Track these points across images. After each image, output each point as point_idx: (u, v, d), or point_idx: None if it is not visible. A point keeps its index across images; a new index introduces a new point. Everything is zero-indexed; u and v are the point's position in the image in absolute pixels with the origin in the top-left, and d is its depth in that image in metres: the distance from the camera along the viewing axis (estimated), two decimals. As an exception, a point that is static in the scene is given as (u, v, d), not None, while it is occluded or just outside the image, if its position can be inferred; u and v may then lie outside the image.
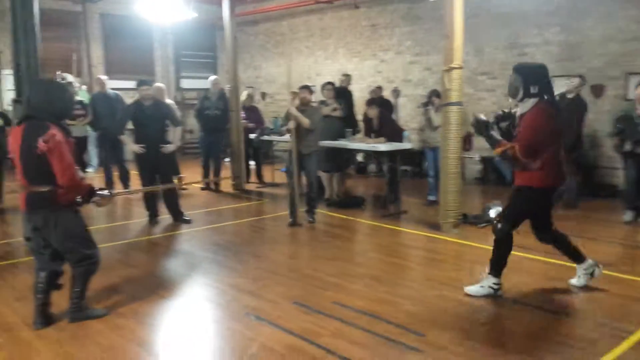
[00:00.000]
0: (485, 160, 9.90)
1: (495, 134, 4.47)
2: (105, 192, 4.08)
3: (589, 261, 4.61)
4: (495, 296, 4.39)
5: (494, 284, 4.42)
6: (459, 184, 6.62)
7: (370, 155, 10.06)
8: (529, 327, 3.86)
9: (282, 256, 5.77)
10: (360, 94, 12.29)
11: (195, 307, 4.37)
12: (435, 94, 8.19)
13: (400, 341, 3.63)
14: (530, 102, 4.18)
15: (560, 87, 9.12)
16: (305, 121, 6.74)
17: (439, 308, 4.21)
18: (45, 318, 3.93)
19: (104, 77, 9.71)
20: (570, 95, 7.78)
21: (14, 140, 3.77)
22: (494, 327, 3.87)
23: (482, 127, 4.49)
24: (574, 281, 4.65)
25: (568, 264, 5.07)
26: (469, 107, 9.58)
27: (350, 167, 10.15)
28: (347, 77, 10.69)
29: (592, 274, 4.60)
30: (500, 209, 6.75)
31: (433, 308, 4.21)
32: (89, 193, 3.91)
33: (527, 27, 9.68)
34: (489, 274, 4.46)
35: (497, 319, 4.01)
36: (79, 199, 3.84)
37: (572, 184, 7.82)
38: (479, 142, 10.13)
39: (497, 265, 4.45)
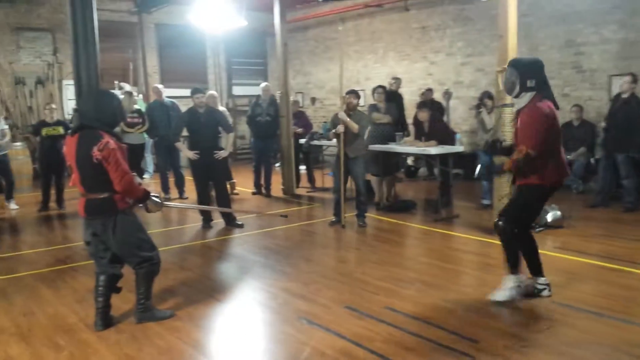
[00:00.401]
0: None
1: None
2: (157, 199, 4.13)
3: (544, 279, 4.45)
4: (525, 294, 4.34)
5: (515, 281, 4.35)
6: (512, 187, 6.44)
7: (421, 158, 9.96)
8: (590, 335, 3.72)
9: (333, 260, 5.77)
10: (410, 97, 12.19)
11: (248, 310, 4.42)
12: (487, 95, 8.03)
13: (454, 347, 3.57)
14: (527, 97, 4.16)
15: (618, 86, 8.83)
16: (354, 126, 6.74)
17: (494, 314, 4.12)
18: (105, 320, 4.06)
19: (160, 86, 9.98)
20: (625, 95, 7.50)
21: (69, 149, 3.91)
22: (552, 335, 3.74)
23: (495, 147, 4.63)
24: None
25: (634, 270, 4.90)
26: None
27: (400, 171, 10.06)
28: (397, 80, 10.60)
29: (518, 287, 4.36)
30: (558, 212, 6.60)
31: (487, 314, 4.12)
32: (144, 197, 4.01)
33: (584, 25, 9.37)
34: (509, 273, 4.39)
35: (556, 326, 3.88)
36: (131, 201, 3.95)
37: (630, 185, 7.53)
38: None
39: (516, 263, 4.39)
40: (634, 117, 7.35)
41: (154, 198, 4.08)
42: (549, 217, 6.57)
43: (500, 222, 4.34)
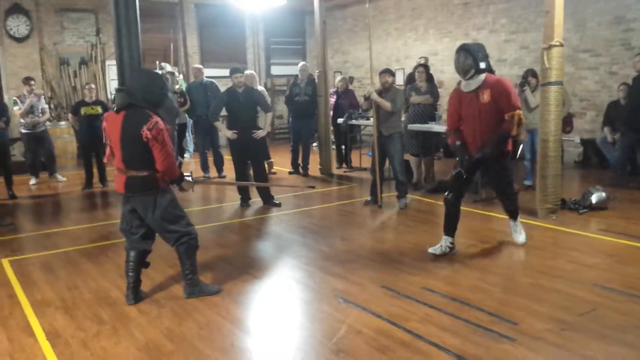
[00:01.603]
0: (586, 143, 9.35)
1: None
2: (189, 177, 4.20)
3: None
4: None
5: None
6: (558, 167, 6.29)
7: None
8: (634, 318, 3.61)
9: (370, 240, 5.76)
10: (451, 75, 11.94)
11: (285, 288, 4.46)
12: (531, 73, 7.81)
13: (493, 329, 3.52)
14: (481, 77, 4.76)
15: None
16: (387, 104, 6.66)
17: (534, 297, 4.04)
18: (136, 294, 4.15)
19: (199, 66, 10.05)
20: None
21: (111, 126, 3.96)
22: (595, 318, 3.64)
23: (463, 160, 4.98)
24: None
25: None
26: (569, 87, 9.09)
27: (440, 151, 9.93)
28: (425, 60, 10.49)
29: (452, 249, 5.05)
30: (603, 194, 6.40)
31: (528, 296, 4.05)
32: (179, 178, 4.10)
33: (634, 1, 8.97)
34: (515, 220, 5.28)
35: (598, 309, 3.78)
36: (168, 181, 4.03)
37: None
38: (580, 123, 9.62)
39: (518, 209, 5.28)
40: None
41: (186, 178, 4.16)
42: (594, 199, 6.38)
43: (507, 194, 5.18)
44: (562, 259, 4.86)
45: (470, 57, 4.72)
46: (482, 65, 4.73)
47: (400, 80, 12.41)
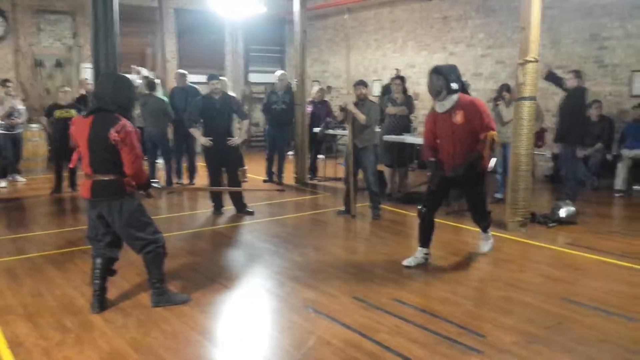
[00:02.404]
0: (557, 158, 9.47)
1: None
2: (157, 184, 4.15)
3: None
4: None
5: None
6: (529, 181, 6.37)
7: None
8: (599, 333, 3.66)
9: (342, 250, 5.75)
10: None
11: (255, 297, 4.42)
12: (506, 88, 7.93)
13: (460, 341, 3.54)
14: (453, 98, 4.78)
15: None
16: (362, 117, 6.69)
17: (503, 309, 4.07)
18: (101, 303, 4.07)
19: (183, 71, 9.94)
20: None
21: (79, 130, 3.91)
22: (560, 331, 3.69)
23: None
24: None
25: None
26: (542, 102, 9.23)
27: (414, 162, 10.00)
28: (398, 71, 10.65)
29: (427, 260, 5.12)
30: (572, 208, 6.50)
31: (496, 309, 4.07)
32: (147, 182, 4.05)
33: (609, 19, 9.18)
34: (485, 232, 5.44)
35: (564, 322, 3.82)
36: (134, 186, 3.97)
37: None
38: (551, 138, 9.76)
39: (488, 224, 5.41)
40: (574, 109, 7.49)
41: (154, 185, 4.10)
42: (563, 213, 6.48)
43: (479, 215, 5.29)
44: (530, 272, 4.91)
45: (441, 78, 4.75)
46: (454, 86, 4.76)
47: (377, 91, 12.51)
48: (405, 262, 5.07)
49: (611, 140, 8.80)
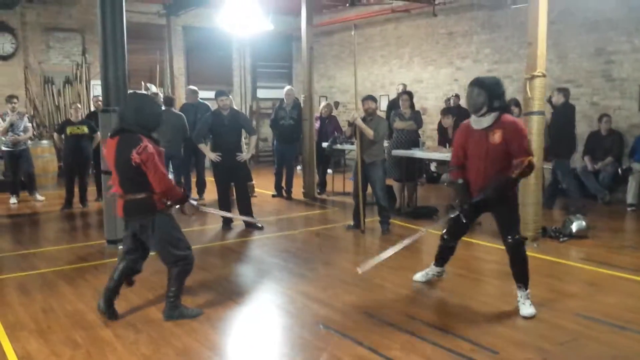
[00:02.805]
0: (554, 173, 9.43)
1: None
2: (195, 202, 4.33)
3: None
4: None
5: (529, 295, 4.38)
6: (539, 196, 6.35)
7: (444, 165, 9.86)
8: (613, 349, 3.62)
9: (352, 265, 5.70)
10: (435, 102, 12.12)
11: (266, 313, 4.40)
12: (514, 102, 7.92)
13: (474, 358, 3.50)
14: (492, 116, 4.28)
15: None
16: (370, 132, 6.70)
17: (516, 325, 4.03)
18: (107, 303, 4.15)
19: (194, 88, 9.99)
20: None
21: (108, 152, 4.08)
22: (574, 348, 3.64)
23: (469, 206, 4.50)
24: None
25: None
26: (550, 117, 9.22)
27: (423, 177, 9.99)
28: (404, 86, 10.68)
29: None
30: (583, 222, 6.45)
31: (509, 325, 4.04)
32: (183, 198, 4.15)
33: (615, 34, 9.19)
34: (525, 290, 4.37)
35: (579, 339, 3.78)
36: (169, 202, 4.06)
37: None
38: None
39: (528, 275, 4.41)
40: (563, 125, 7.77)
41: (191, 201, 4.26)
42: (574, 227, 6.44)
43: (511, 240, 4.33)
44: (543, 287, 4.86)
45: (483, 93, 4.25)
46: (496, 103, 4.25)
47: (384, 106, 12.54)
48: (415, 277, 5.00)
49: (621, 154, 8.76)
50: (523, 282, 4.34)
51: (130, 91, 6.05)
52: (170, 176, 9.49)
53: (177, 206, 4.15)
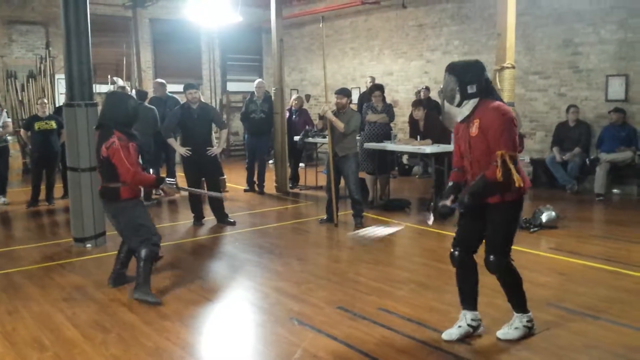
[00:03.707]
0: (535, 163, 9.58)
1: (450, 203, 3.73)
2: (173, 182, 4.59)
3: (530, 314, 3.75)
4: (531, 334, 3.70)
5: (527, 321, 3.72)
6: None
7: (415, 157, 9.89)
8: (586, 338, 3.65)
9: (326, 260, 5.70)
10: (405, 95, 12.15)
11: (239, 310, 4.34)
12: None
13: (449, 351, 3.51)
14: (470, 103, 3.58)
15: (615, 86, 8.82)
16: (340, 125, 6.67)
17: (489, 316, 4.04)
18: (116, 281, 4.73)
19: (161, 81, 9.81)
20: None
21: (94, 143, 4.61)
22: (547, 338, 3.67)
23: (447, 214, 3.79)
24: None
25: (630, 272, 4.87)
26: (520, 108, 9.32)
27: (395, 169, 10.01)
28: (372, 79, 10.71)
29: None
30: (553, 213, 6.53)
31: (483, 316, 4.03)
32: (157, 182, 4.66)
33: (582, 25, 9.32)
34: (517, 313, 3.73)
35: (551, 328, 3.81)
36: (147, 189, 4.46)
37: None
38: (530, 144, 9.88)
39: (521, 299, 3.73)
40: None
41: (168, 182, 4.74)
42: (544, 218, 6.51)
43: (491, 258, 3.64)
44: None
45: (453, 79, 3.61)
46: (471, 89, 3.56)
47: (356, 99, 12.53)
48: (446, 336, 3.70)
49: (589, 144, 8.92)
50: (517, 305, 3.72)
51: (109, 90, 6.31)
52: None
53: (159, 192, 4.50)
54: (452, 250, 3.85)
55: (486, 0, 10.32)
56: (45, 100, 8.89)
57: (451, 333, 3.70)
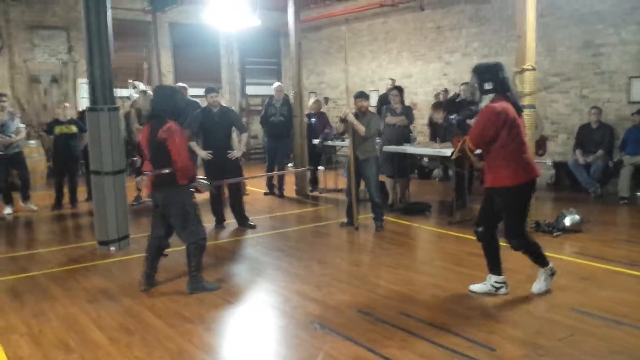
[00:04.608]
0: (558, 165, 9.48)
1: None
2: (204, 181, 4.91)
3: (551, 264, 4.60)
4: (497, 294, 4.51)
5: (549, 269, 4.55)
6: (531, 190, 6.34)
7: (435, 160, 9.86)
8: (610, 344, 3.61)
9: (346, 263, 5.70)
10: (424, 97, 12.11)
11: (260, 313, 4.37)
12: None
13: (471, 355, 3.48)
14: (487, 99, 4.29)
15: (638, 88, 8.71)
16: (362, 128, 6.68)
17: (512, 321, 4.02)
18: (148, 282, 4.79)
19: (183, 85, 9.89)
20: None
21: (143, 136, 4.77)
22: (571, 343, 3.63)
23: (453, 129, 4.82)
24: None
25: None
26: (541, 110, 9.24)
27: (415, 172, 9.97)
28: (393, 81, 10.68)
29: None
30: (576, 216, 6.46)
31: (505, 321, 4.03)
32: (194, 177, 4.79)
33: (603, 26, 9.21)
34: (542, 267, 4.56)
35: (575, 334, 3.77)
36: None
37: None
38: (552, 146, 9.78)
39: (542, 258, 4.54)
40: None
41: (201, 180, 4.89)
42: (567, 221, 6.45)
43: (512, 243, 4.46)
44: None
45: (475, 78, 4.35)
46: (487, 86, 4.27)
47: (373, 101, 12.52)
48: (472, 287, 4.65)
49: (612, 146, 8.79)
50: (538, 263, 4.54)
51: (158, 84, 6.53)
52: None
53: (192, 188, 4.77)
54: (474, 228, 4.63)
55: (505, 1, 10.25)
56: (67, 104, 9.02)
57: (476, 287, 4.61)
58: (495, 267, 4.56)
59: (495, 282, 4.55)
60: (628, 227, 7.15)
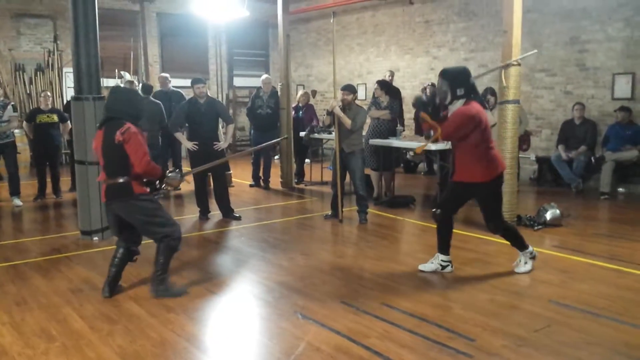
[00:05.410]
0: (541, 160, 9.58)
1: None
2: (174, 174, 4.62)
3: (530, 248, 4.96)
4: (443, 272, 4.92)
5: (530, 252, 4.93)
6: (514, 184, 6.42)
7: (420, 153, 9.91)
8: (588, 335, 3.68)
9: (330, 255, 5.73)
10: (412, 91, 12.14)
11: (243, 303, 4.39)
12: (490, 91, 7.97)
13: (450, 346, 3.53)
14: (458, 104, 4.59)
15: (621, 84, 8.81)
16: (347, 121, 6.69)
17: (491, 312, 4.08)
18: (112, 288, 4.43)
19: (165, 75, 9.87)
20: None
21: (96, 141, 4.39)
22: (549, 334, 3.70)
23: (420, 105, 5.21)
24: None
25: (633, 270, 4.90)
26: (526, 105, 9.32)
27: (399, 166, 10.01)
28: (391, 73, 10.70)
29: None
30: (557, 211, 6.55)
31: (485, 312, 4.08)
32: (162, 175, 4.49)
33: (589, 23, 9.29)
34: (521, 251, 4.95)
35: (553, 325, 3.84)
36: (156, 184, 4.40)
37: None
38: (536, 141, 9.87)
39: (521, 241, 4.93)
40: None
41: (170, 175, 4.60)
42: (548, 215, 6.53)
43: (490, 225, 4.85)
44: (518, 274, 4.93)
45: (446, 83, 4.60)
46: (459, 92, 4.57)
47: (362, 95, 12.54)
48: (421, 266, 5.06)
49: (594, 142, 8.90)
50: (517, 246, 4.93)
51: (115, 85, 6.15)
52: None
53: (164, 185, 4.55)
54: (433, 210, 4.99)
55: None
56: (49, 93, 8.88)
57: (425, 266, 5.02)
58: (444, 247, 4.97)
59: (442, 260, 4.98)
60: (608, 222, 7.25)
